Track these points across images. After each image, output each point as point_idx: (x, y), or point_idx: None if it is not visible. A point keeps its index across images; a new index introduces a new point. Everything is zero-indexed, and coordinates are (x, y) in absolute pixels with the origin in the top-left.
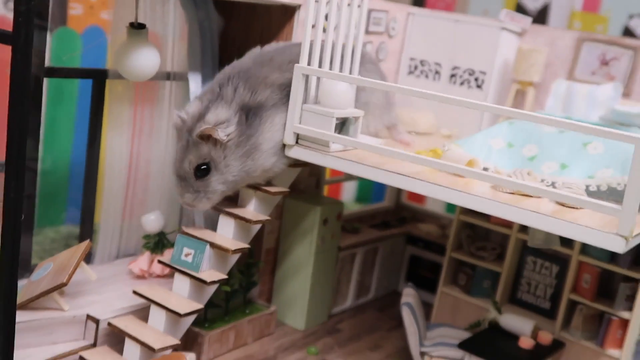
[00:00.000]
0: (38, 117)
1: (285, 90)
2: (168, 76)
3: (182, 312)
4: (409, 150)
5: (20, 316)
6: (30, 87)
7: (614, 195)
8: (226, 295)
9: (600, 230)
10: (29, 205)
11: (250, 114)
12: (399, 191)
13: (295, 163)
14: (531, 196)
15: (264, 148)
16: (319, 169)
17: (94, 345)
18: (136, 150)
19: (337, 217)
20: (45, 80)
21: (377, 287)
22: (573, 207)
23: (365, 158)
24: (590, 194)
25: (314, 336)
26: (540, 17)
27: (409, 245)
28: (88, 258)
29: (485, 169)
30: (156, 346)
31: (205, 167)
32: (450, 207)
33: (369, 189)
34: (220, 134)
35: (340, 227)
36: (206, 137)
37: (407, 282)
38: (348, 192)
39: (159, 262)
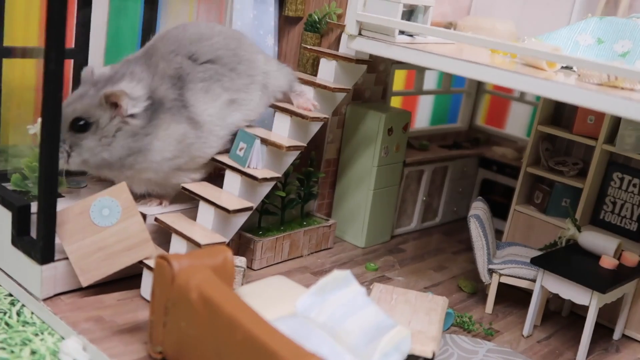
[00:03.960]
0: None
1: (177, 87)
2: None
3: (230, 208)
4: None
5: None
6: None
7: None
8: (282, 202)
9: None
10: None
11: (152, 110)
12: (473, 113)
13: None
14: (622, 88)
15: (153, 158)
16: (385, 78)
17: None
18: None
19: (403, 128)
20: None
21: (445, 212)
22: None
23: (433, 48)
24: None
25: (374, 254)
26: None
27: (482, 169)
28: None
29: (569, 67)
30: (202, 242)
31: (84, 123)
32: (531, 131)
33: (445, 110)
34: (128, 105)
35: (407, 141)
36: (111, 102)
37: (478, 197)
38: (422, 114)
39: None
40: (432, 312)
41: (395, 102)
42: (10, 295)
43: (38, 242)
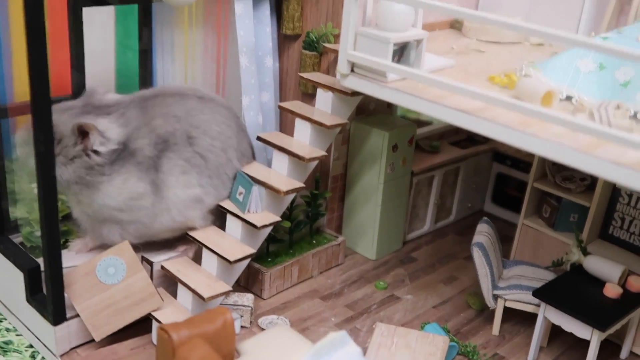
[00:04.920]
0: (81, 48)
1: (158, 147)
2: None
3: (232, 258)
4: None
5: (74, 260)
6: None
7: None
8: (290, 227)
9: None
10: None
11: (120, 156)
12: None
13: (354, 92)
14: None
15: (95, 198)
16: None
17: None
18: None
19: (408, 142)
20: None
21: (458, 209)
22: None
23: (426, 89)
24: None
25: (384, 267)
26: None
27: (496, 163)
28: None
29: (569, 98)
30: (206, 294)
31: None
32: None
33: None
34: (95, 143)
35: (414, 149)
36: (81, 131)
37: (484, 217)
38: None
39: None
40: (432, 357)
41: None
42: (31, 346)
43: (49, 306)
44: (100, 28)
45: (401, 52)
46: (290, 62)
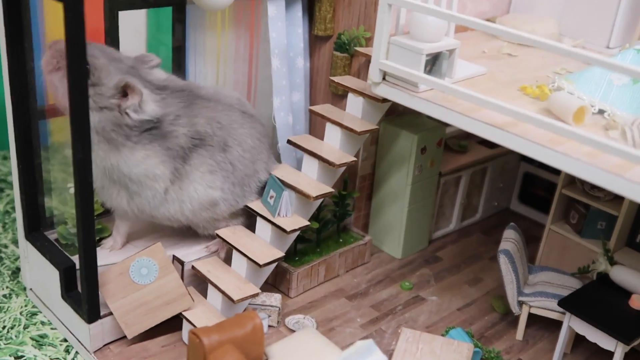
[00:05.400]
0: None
1: (195, 140)
2: None
3: (261, 262)
4: None
5: (107, 258)
6: (83, 50)
7: None
8: (317, 229)
9: None
10: None
11: (151, 131)
12: None
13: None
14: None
15: (112, 158)
16: None
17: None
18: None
19: (437, 144)
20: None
21: (485, 208)
22: None
23: (457, 100)
24: None
25: (410, 266)
26: None
27: (524, 162)
28: None
29: (601, 112)
30: (235, 297)
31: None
32: None
33: None
34: (130, 107)
35: (442, 150)
36: (124, 89)
37: (510, 223)
38: None
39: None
40: None
41: None
42: (65, 340)
43: (84, 305)
44: (134, 31)
45: (433, 61)
46: (321, 63)
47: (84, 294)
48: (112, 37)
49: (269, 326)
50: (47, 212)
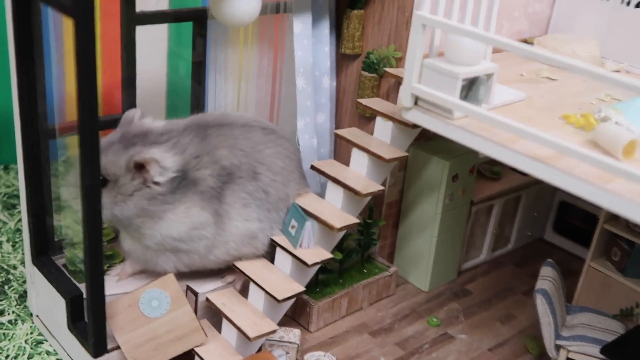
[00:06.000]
0: (133, 67)
1: (221, 179)
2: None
3: (280, 297)
4: None
5: (115, 288)
6: (94, 65)
7: None
8: (340, 260)
9: None
10: None
11: (180, 184)
12: None
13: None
14: None
15: (160, 229)
16: None
17: None
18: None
19: (470, 171)
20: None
21: (517, 237)
22: None
23: (495, 129)
24: None
25: (437, 300)
26: None
27: (559, 190)
28: None
29: None
30: (252, 334)
31: (102, 179)
32: None
33: None
34: (156, 174)
35: (475, 177)
36: (137, 165)
37: (548, 260)
38: None
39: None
40: None
41: None
42: None
43: (90, 337)
44: (152, 46)
45: (470, 86)
46: (348, 82)
47: (90, 326)
48: (128, 53)
49: None
50: (57, 232)
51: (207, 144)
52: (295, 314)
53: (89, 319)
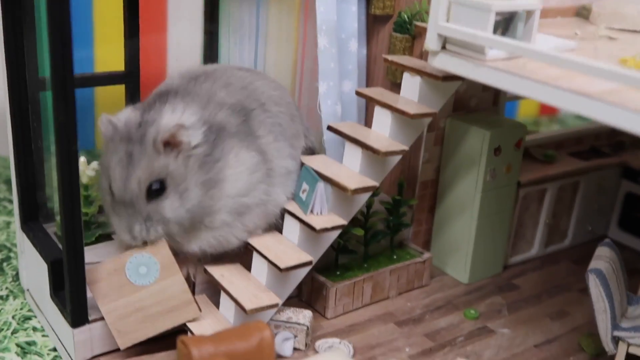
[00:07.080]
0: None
1: (240, 114)
2: None
3: (282, 265)
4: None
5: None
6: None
7: None
8: (365, 237)
9: None
10: None
11: (214, 133)
12: None
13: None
14: None
15: (228, 191)
16: None
17: (192, 293)
18: None
19: (515, 145)
20: None
21: (576, 232)
22: None
23: (538, 70)
24: None
25: (478, 293)
26: None
27: (626, 180)
28: None
29: None
30: (248, 306)
31: (159, 186)
32: None
33: None
34: (187, 137)
35: (522, 156)
36: (167, 143)
37: (606, 239)
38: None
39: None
40: None
41: (530, 105)
42: (54, 349)
43: (68, 304)
44: None
45: (506, 25)
46: (380, 49)
47: (67, 290)
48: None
49: (294, 349)
50: (52, 199)
51: (200, 95)
52: (312, 298)
53: (65, 284)
